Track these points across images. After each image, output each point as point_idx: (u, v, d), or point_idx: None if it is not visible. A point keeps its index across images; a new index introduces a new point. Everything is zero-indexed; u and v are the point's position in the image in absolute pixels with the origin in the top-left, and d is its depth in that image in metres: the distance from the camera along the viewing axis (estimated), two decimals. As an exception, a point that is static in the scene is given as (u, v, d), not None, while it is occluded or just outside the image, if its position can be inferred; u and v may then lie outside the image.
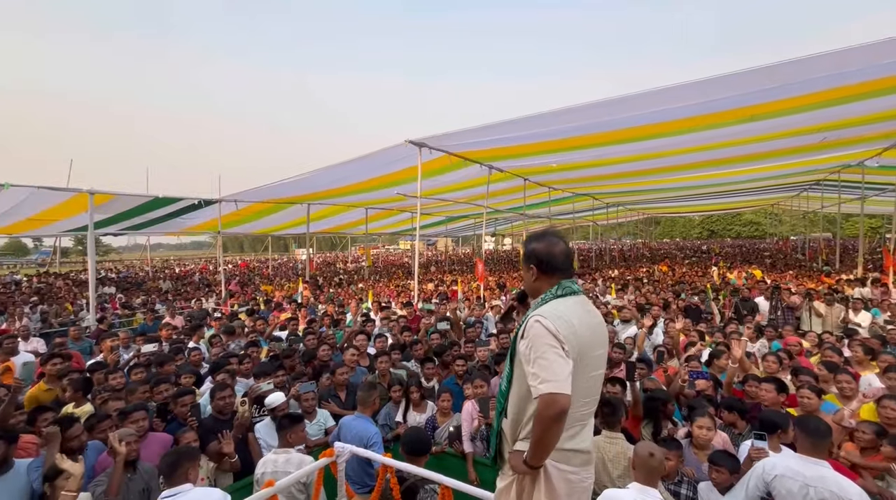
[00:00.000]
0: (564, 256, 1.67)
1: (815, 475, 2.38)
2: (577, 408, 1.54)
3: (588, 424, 1.65)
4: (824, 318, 7.41)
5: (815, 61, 5.29)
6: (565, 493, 1.57)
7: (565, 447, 1.54)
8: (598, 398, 1.71)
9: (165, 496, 2.30)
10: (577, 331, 1.51)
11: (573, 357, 1.48)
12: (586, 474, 1.63)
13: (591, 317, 1.64)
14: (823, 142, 9.27)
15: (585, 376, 1.56)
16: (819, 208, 19.53)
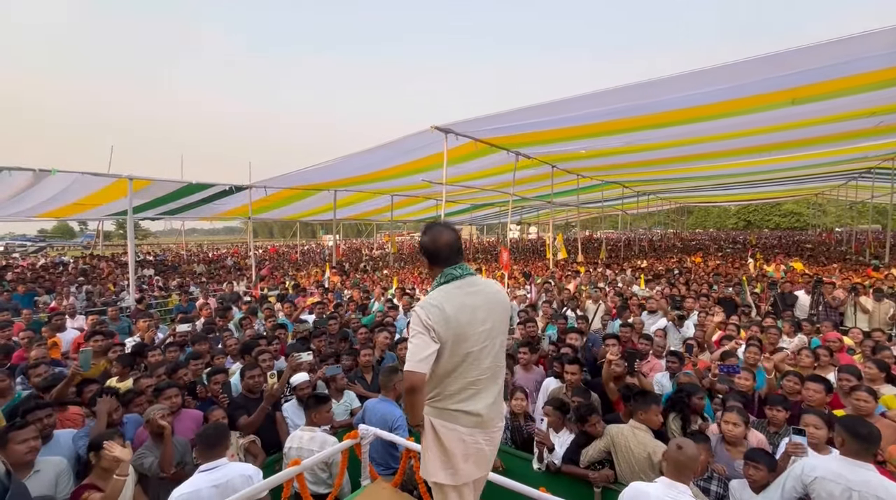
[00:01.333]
0: (447, 245, 1.85)
1: (859, 479, 2.26)
2: (465, 376, 1.77)
3: (484, 390, 1.81)
4: (871, 314, 7.00)
5: (866, 38, 4.88)
6: (461, 452, 1.78)
7: (451, 407, 1.77)
8: (501, 365, 1.90)
9: (204, 469, 2.41)
10: (449, 316, 1.72)
11: (446, 339, 1.72)
12: (482, 437, 1.81)
13: (472, 298, 1.80)
14: (879, 126, 8.64)
15: (466, 350, 1.75)
16: (869, 199, 18.38)
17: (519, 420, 3.71)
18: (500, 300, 1.89)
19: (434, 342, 1.70)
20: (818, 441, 2.78)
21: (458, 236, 1.92)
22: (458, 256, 1.88)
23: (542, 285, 9.34)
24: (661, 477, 2.23)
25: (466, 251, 25.86)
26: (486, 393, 1.81)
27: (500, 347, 1.89)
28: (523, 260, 18.76)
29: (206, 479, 2.35)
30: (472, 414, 1.77)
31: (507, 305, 1.93)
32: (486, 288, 1.87)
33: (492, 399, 1.82)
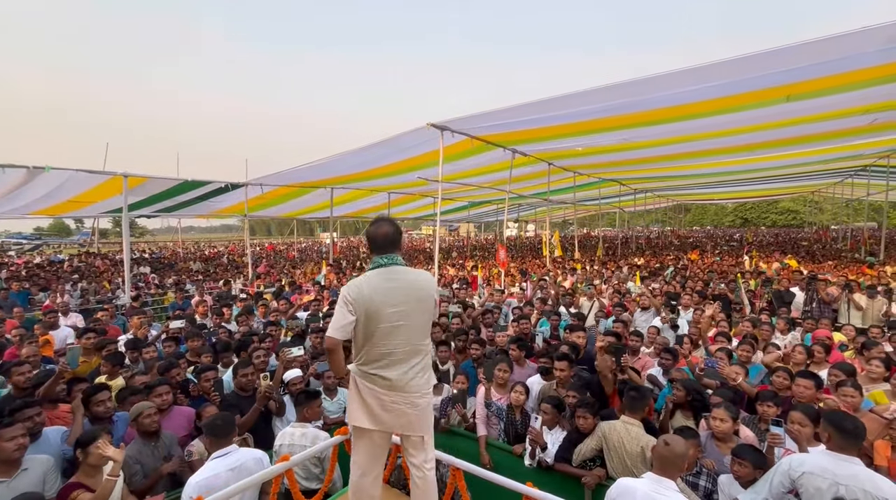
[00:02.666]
0: (383, 237, 2.20)
1: (846, 474, 2.27)
2: (379, 347, 2.12)
3: (399, 362, 2.14)
4: (865, 311, 7.03)
5: (861, 35, 4.88)
6: (377, 406, 2.13)
7: (370, 371, 2.15)
8: (418, 344, 2.21)
9: (217, 455, 2.53)
10: (365, 294, 2.09)
11: (359, 314, 2.09)
12: (398, 398, 2.14)
13: (390, 283, 2.14)
14: (874, 124, 8.66)
15: (378, 325, 2.10)
16: (864, 196, 18.44)
17: (515, 414, 3.72)
18: (419, 288, 2.19)
19: (350, 315, 2.09)
20: (803, 437, 2.79)
21: (395, 231, 2.24)
22: (391, 247, 2.21)
23: (538, 283, 9.34)
24: (649, 472, 2.24)
25: (464, 249, 25.90)
26: (402, 365, 2.14)
27: (418, 328, 2.20)
28: (520, 257, 18.76)
29: (222, 464, 2.50)
30: (385, 379, 2.12)
31: (426, 293, 2.21)
32: (406, 277, 2.19)
33: (405, 370, 2.14)
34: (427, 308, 2.23)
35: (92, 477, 2.50)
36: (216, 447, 2.57)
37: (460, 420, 3.81)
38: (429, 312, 2.25)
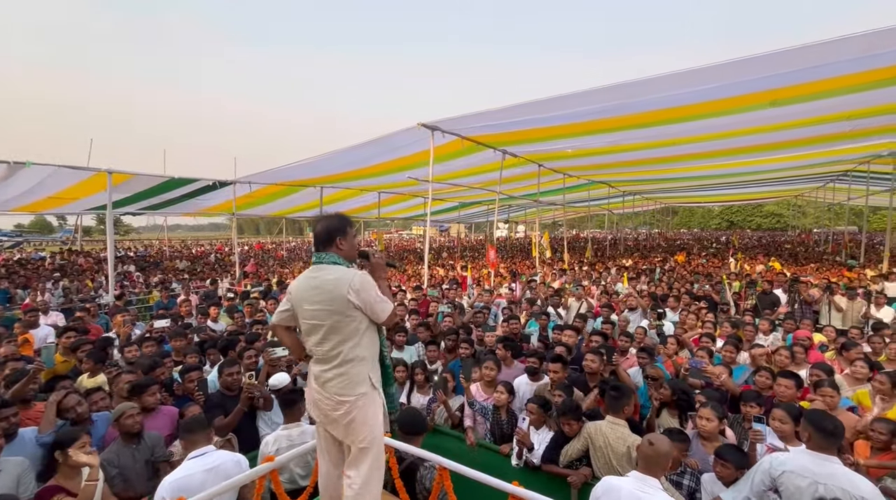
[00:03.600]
0: (316, 235, 2.24)
1: (825, 472, 2.32)
2: (306, 342, 2.21)
3: (317, 362, 2.17)
4: (845, 312, 7.19)
5: (842, 43, 4.99)
6: (311, 398, 2.23)
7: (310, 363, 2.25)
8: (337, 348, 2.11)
9: (193, 455, 2.47)
10: (292, 289, 2.24)
11: (290, 306, 2.23)
12: (320, 396, 2.15)
13: (311, 281, 2.17)
14: (852, 131, 8.87)
15: (302, 321, 2.19)
16: (845, 200, 18.86)
17: (501, 414, 3.72)
18: (329, 289, 2.11)
19: (286, 304, 2.25)
20: (784, 435, 2.84)
21: (323, 230, 2.21)
22: (321, 245, 2.22)
23: (527, 283, 9.39)
24: (633, 471, 2.26)
25: (454, 249, 25.93)
26: (323, 364, 2.15)
27: (333, 331, 2.11)
28: (510, 258, 18.83)
29: (198, 464, 2.45)
30: (313, 372, 2.21)
31: (335, 294, 2.09)
32: (324, 275, 2.15)
33: (325, 368, 2.13)
34: (337, 310, 2.09)
35: (72, 479, 2.45)
36: (192, 447, 2.53)
37: (447, 418, 3.81)
38: (340, 313, 2.09)
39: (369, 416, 2.14)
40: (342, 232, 2.22)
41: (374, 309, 2.13)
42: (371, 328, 2.19)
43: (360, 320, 2.13)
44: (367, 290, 2.12)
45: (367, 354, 2.16)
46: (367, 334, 2.16)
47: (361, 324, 2.14)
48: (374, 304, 2.13)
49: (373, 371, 2.19)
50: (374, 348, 2.22)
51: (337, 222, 2.24)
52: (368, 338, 2.18)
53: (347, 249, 2.24)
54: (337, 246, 2.21)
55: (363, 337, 2.15)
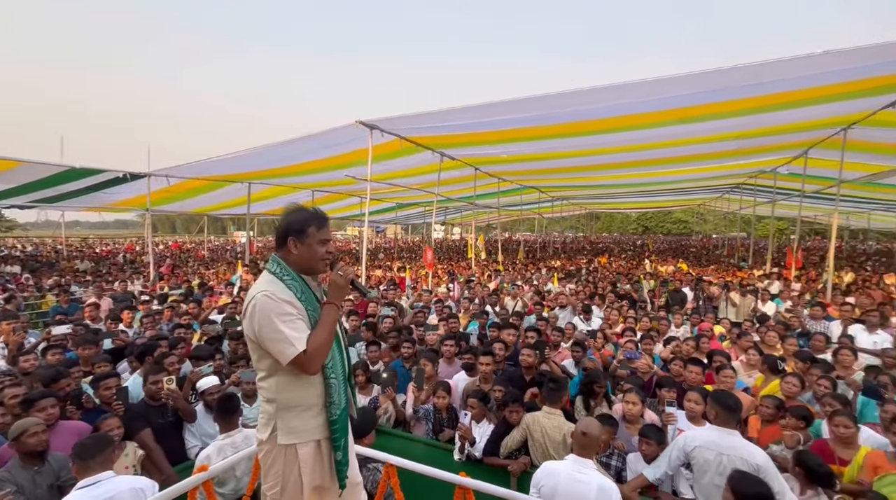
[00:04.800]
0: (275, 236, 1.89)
1: (728, 444, 2.65)
2: None
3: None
4: (738, 307, 8.21)
5: (733, 72, 5.72)
6: None
7: None
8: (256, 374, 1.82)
9: (82, 485, 2.13)
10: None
11: None
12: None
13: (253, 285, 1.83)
14: (738, 149, 10.18)
15: None
16: (738, 210, 21.48)
17: (442, 413, 3.79)
18: (247, 297, 1.74)
19: None
20: (695, 414, 3.20)
21: (281, 224, 1.82)
22: (276, 243, 1.84)
23: (464, 284, 9.60)
24: (571, 455, 2.43)
25: (391, 250, 25.74)
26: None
27: (252, 355, 1.77)
28: (447, 259, 19.10)
29: (85, 496, 2.09)
30: None
31: (244, 307, 1.73)
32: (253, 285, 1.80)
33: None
34: (247, 328, 1.71)
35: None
36: (83, 473, 2.16)
37: (390, 416, 3.80)
38: (251, 333, 1.69)
39: (272, 472, 1.75)
40: (300, 232, 1.76)
41: (267, 347, 1.66)
42: (282, 367, 1.69)
43: (262, 354, 1.72)
44: (261, 320, 1.64)
45: (279, 397, 1.72)
46: (277, 372, 1.71)
47: (266, 358, 1.71)
48: (267, 342, 1.64)
49: (286, 420, 1.73)
50: (294, 392, 1.73)
51: (299, 218, 1.79)
52: (280, 378, 1.72)
53: (303, 255, 1.77)
54: (288, 248, 1.78)
55: (273, 374, 1.72)
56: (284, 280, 1.75)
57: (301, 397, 1.75)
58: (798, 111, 7.43)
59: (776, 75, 5.81)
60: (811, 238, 25.43)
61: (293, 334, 1.64)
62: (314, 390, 1.77)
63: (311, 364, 1.67)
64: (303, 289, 1.78)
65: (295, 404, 1.75)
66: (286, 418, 1.74)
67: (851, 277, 12.14)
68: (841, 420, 3.04)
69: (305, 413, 1.76)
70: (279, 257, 1.80)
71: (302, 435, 1.76)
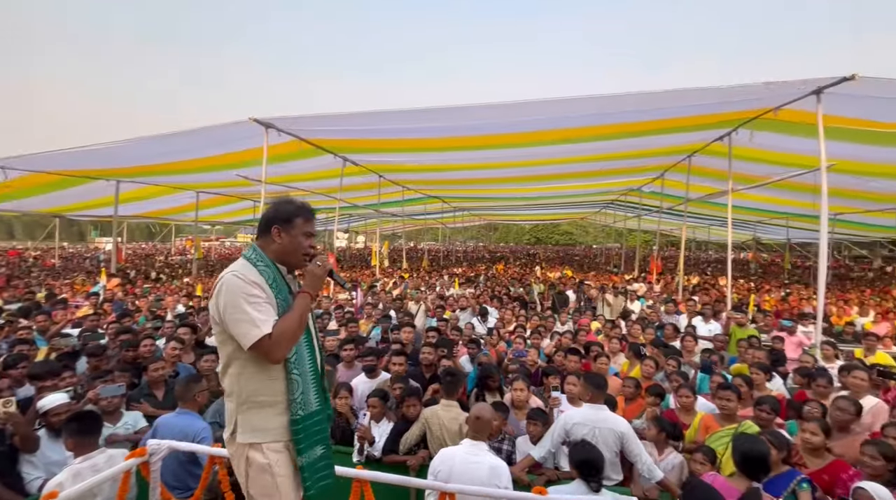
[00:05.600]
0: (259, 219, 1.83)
1: (599, 418, 3.02)
2: None
3: None
4: (612, 306, 9.35)
5: (604, 100, 6.60)
6: None
7: None
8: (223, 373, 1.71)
9: None
10: None
11: None
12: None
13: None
14: (612, 169, 11.70)
15: None
16: (612, 223, 24.48)
17: (343, 417, 3.71)
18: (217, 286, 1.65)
19: None
20: (573, 395, 3.59)
21: (267, 212, 1.78)
22: (257, 232, 1.80)
23: (368, 290, 9.50)
24: (466, 439, 2.57)
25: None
26: None
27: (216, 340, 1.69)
28: (350, 267, 18.67)
29: None
30: None
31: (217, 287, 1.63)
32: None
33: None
34: (212, 308, 1.64)
35: None
36: None
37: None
38: (216, 313, 1.62)
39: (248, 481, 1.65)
40: (286, 221, 1.71)
41: (230, 329, 1.57)
42: (250, 355, 1.59)
43: (225, 339, 1.62)
44: (226, 299, 1.57)
45: (238, 389, 1.62)
46: (239, 360, 1.61)
47: (228, 344, 1.62)
48: (230, 323, 1.56)
49: (246, 416, 1.62)
50: (255, 385, 1.61)
51: (287, 208, 1.74)
52: (242, 367, 1.61)
53: (285, 245, 1.71)
54: (271, 237, 1.72)
55: (233, 362, 1.62)
56: (258, 266, 1.68)
57: (262, 390, 1.63)
58: (657, 138, 8.78)
59: (638, 106, 6.83)
60: (668, 248, 29.94)
61: (258, 316, 1.56)
62: (278, 386, 1.65)
63: (276, 350, 1.57)
64: (275, 277, 1.69)
65: (256, 398, 1.62)
66: (247, 414, 1.63)
67: (697, 279, 14.59)
68: (683, 392, 3.66)
69: (268, 410, 1.64)
70: (258, 245, 1.74)
71: (263, 435, 1.63)
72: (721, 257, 30.59)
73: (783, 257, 20.89)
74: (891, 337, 7.39)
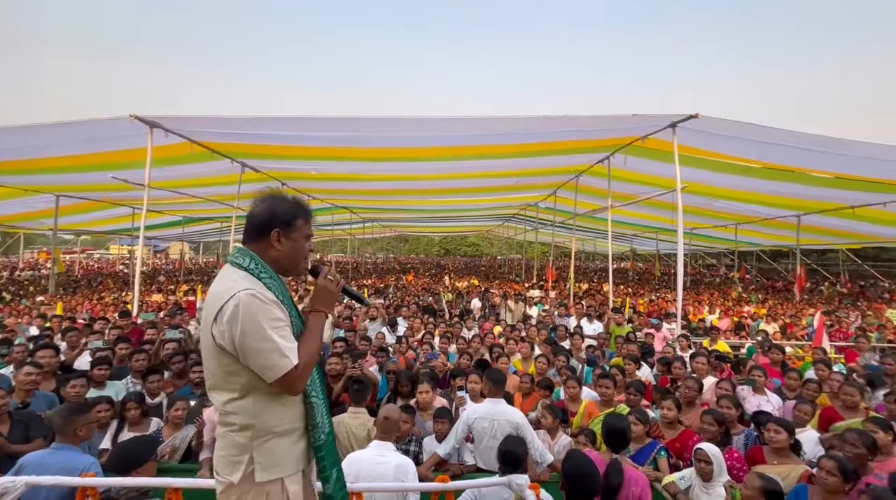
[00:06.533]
0: (248, 218, 1.57)
1: (497, 411, 3.27)
2: None
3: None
4: (514, 312, 10.00)
5: (508, 121, 7.23)
6: None
7: None
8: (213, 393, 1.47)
9: None
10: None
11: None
12: None
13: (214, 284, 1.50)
14: (515, 185, 12.64)
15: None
16: (514, 235, 26.18)
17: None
18: (207, 303, 1.42)
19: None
20: (475, 392, 3.83)
21: (263, 211, 1.51)
22: (248, 235, 1.52)
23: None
24: (374, 441, 2.62)
25: (176, 273, 21.83)
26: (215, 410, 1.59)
27: (208, 367, 1.45)
28: (248, 281, 17.41)
29: None
30: None
31: (209, 312, 1.39)
32: (214, 284, 1.46)
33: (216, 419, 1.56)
34: (206, 343, 1.41)
35: None
36: None
37: (171, 451, 3.30)
38: (207, 348, 1.41)
39: None
40: (287, 224, 1.49)
41: (251, 360, 1.35)
42: (262, 384, 1.39)
43: (238, 370, 1.38)
44: (246, 325, 1.33)
45: (257, 422, 1.40)
46: (255, 390, 1.40)
47: (241, 375, 1.38)
48: (251, 351, 1.33)
49: (262, 450, 1.40)
50: (275, 414, 1.42)
51: (286, 208, 1.51)
52: (258, 397, 1.40)
53: (287, 251, 1.50)
54: (270, 242, 1.48)
55: (248, 394, 1.39)
56: (263, 278, 1.43)
57: (282, 419, 1.45)
58: (550, 159, 9.71)
59: (533, 128, 7.53)
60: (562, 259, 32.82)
61: (285, 344, 1.37)
62: (294, 412, 1.48)
63: (300, 382, 1.41)
64: (283, 292, 1.47)
65: (275, 429, 1.43)
66: (264, 448, 1.41)
67: (585, 286, 16.20)
68: (570, 383, 4.11)
69: (285, 440, 1.46)
70: (254, 250, 1.48)
71: (285, 468, 1.45)
72: (606, 266, 34.39)
73: (654, 266, 24.15)
74: (730, 330, 9.02)
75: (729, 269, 22.78)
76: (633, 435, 3.29)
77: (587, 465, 2.17)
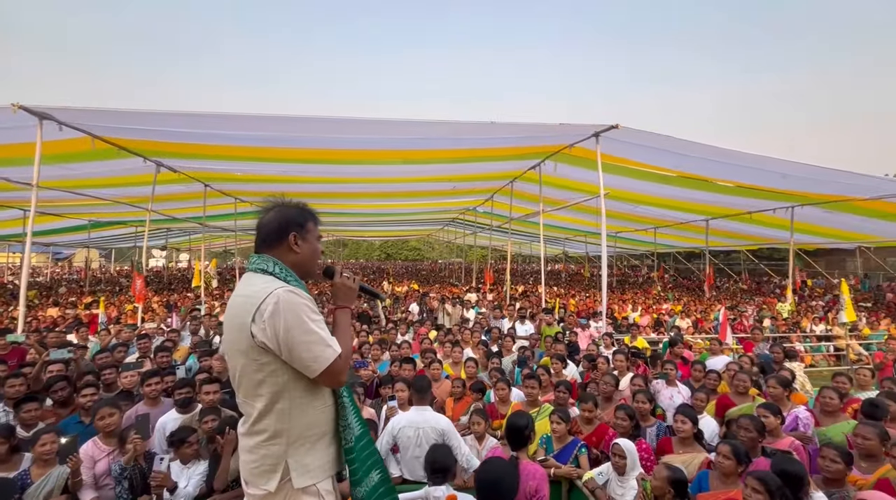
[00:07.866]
0: (260, 228, 1.59)
1: (423, 419, 3.21)
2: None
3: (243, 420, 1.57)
4: (451, 315, 10.03)
5: (441, 125, 7.24)
6: None
7: None
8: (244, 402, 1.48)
9: None
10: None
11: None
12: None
13: (231, 301, 1.53)
14: (454, 190, 12.75)
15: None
16: (454, 239, 26.43)
17: (140, 462, 3.12)
18: (236, 313, 1.43)
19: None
20: (403, 401, 3.75)
21: (276, 218, 1.55)
22: (264, 243, 1.54)
23: (188, 315, 8.28)
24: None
25: (81, 282, 19.55)
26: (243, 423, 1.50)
27: (240, 380, 1.44)
28: (168, 291, 16.01)
29: None
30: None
31: (239, 320, 1.40)
32: (240, 291, 1.48)
33: (242, 432, 1.49)
34: (241, 348, 1.40)
35: None
36: None
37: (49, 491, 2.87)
38: (244, 354, 1.40)
39: None
40: (300, 226, 1.55)
41: (295, 354, 1.36)
42: (301, 385, 1.41)
43: (276, 369, 1.38)
44: (289, 320, 1.35)
45: (291, 427, 1.40)
46: (290, 392, 1.40)
47: (279, 375, 1.39)
48: (296, 344, 1.35)
49: (297, 456, 1.41)
50: (309, 418, 1.43)
51: (295, 212, 1.56)
52: (293, 400, 1.41)
53: (306, 253, 1.56)
54: (288, 246, 1.52)
55: (282, 397, 1.39)
56: (290, 282, 1.47)
57: (315, 423, 1.46)
58: (486, 165, 9.89)
59: (462, 133, 7.61)
60: (501, 262, 33.62)
61: (327, 335, 1.43)
62: (326, 414, 1.50)
63: (344, 373, 1.45)
64: (309, 295, 1.48)
65: (309, 433, 1.44)
66: (299, 453, 1.42)
67: (521, 288, 16.68)
68: (500, 385, 4.14)
69: (319, 444, 1.47)
70: (274, 255, 1.51)
71: (318, 472, 1.45)
72: (538, 268, 35.67)
73: (584, 268, 25.48)
74: (650, 326, 9.68)
75: (650, 269, 24.60)
76: (556, 434, 3.39)
77: (494, 471, 2.16)
